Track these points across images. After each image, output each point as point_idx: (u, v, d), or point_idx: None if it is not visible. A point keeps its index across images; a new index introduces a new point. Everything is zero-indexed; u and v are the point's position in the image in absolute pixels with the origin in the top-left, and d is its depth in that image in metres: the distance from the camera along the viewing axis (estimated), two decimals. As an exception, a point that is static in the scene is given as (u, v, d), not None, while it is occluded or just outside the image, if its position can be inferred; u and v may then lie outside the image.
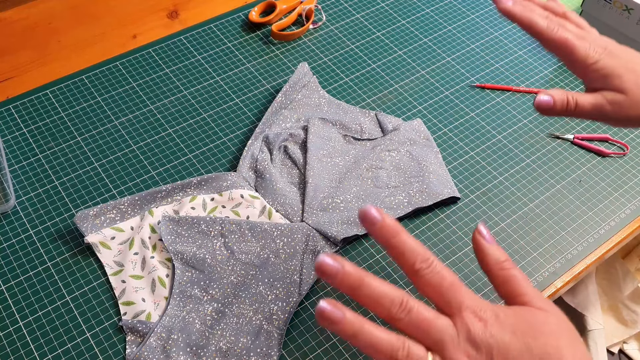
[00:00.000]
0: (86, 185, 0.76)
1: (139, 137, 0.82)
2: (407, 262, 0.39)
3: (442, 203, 0.76)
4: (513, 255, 0.72)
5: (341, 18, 1.00)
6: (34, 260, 0.69)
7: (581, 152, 0.83)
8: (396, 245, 0.39)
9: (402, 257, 0.39)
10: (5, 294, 0.67)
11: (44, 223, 0.72)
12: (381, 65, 0.93)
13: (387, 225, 0.38)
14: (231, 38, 0.95)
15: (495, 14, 1.01)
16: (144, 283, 0.67)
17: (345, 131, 0.82)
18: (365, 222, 0.39)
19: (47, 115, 0.83)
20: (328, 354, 0.64)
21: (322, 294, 0.68)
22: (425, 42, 0.97)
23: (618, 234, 0.76)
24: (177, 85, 0.88)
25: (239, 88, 0.88)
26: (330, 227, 0.71)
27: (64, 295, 0.67)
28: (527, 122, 0.86)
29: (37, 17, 0.96)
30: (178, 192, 0.74)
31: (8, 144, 0.80)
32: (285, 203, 0.73)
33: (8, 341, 0.63)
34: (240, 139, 0.82)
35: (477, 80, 0.91)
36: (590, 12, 0.92)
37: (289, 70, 0.91)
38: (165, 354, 0.61)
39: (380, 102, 0.88)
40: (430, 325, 0.38)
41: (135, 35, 0.95)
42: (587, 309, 1.03)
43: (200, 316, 0.64)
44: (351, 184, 0.75)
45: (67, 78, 0.88)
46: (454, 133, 0.84)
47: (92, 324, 0.65)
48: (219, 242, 0.69)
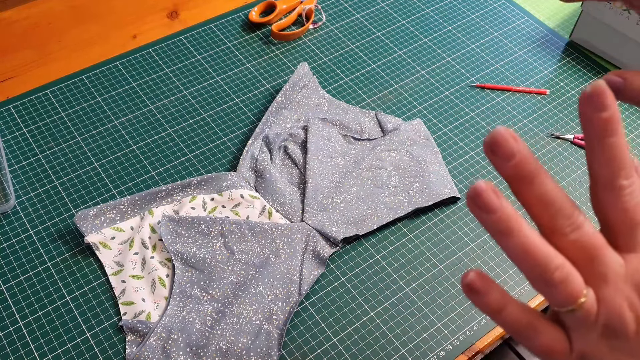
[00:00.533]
0: (86, 185, 0.76)
1: (139, 137, 0.82)
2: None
3: (442, 203, 0.76)
4: (513, 255, 0.72)
5: (341, 18, 1.00)
6: (34, 260, 0.69)
7: (581, 152, 0.83)
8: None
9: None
10: (5, 294, 0.67)
11: (44, 223, 0.72)
12: (381, 65, 0.93)
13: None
14: (231, 38, 0.95)
15: (495, 14, 1.01)
16: (144, 283, 0.67)
17: (345, 131, 0.82)
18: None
19: (47, 115, 0.83)
20: (328, 354, 0.64)
21: (322, 294, 0.68)
22: (425, 42, 0.97)
23: (618, 234, 0.75)
24: (177, 85, 0.88)
25: (239, 88, 0.88)
26: (330, 227, 0.71)
27: (64, 295, 0.67)
28: (527, 122, 0.86)
29: (37, 17, 0.96)
30: (178, 192, 0.74)
31: (8, 144, 0.80)
32: (285, 203, 0.73)
33: (8, 341, 0.63)
34: (240, 139, 0.82)
35: (477, 80, 0.91)
36: (590, 12, 0.92)
37: (289, 70, 0.91)
38: (165, 354, 0.61)
39: (380, 102, 0.88)
40: (598, 252, 0.31)
41: (135, 35, 0.95)
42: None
43: (200, 316, 0.64)
44: (351, 184, 0.75)
45: (67, 78, 0.88)
46: (454, 133, 0.84)
47: (92, 324, 0.65)
48: (219, 242, 0.69)
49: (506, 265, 0.71)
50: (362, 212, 0.73)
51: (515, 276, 0.71)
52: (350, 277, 0.70)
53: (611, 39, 0.92)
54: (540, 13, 1.03)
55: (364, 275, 0.70)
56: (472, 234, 0.74)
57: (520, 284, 0.70)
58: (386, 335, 0.66)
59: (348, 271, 0.70)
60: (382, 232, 0.74)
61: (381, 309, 0.67)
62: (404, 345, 0.65)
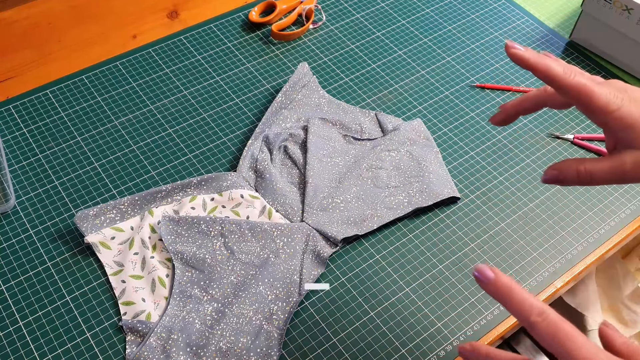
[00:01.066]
0: (86, 185, 0.76)
1: (139, 137, 0.82)
2: (522, 315, 0.41)
3: (442, 203, 0.76)
4: (513, 255, 0.73)
5: (341, 18, 1.00)
6: (34, 260, 0.69)
7: (581, 152, 0.83)
8: (510, 301, 0.41)
9: (518, 312, 0.41)
10: (5, 294, 0.67)
11: (44, 223, 0.72)
12: (381, 65, 0.93)
13: (501, 283, 0.41)
14: (231, 38, 0.95)
15: (495, 14, 1.01)
16: (144, 283, 0.67)
17: (345, 131, 0.82)
18: (479, 280, 0.42)
19: (47, 115, 0.83)
20: (328, 354, 0.64)
21: (322, 294, 0.68)
22: (425, 42, 0.97)
23: (618, 234, 0.76)
24: (177, 85, 0.88)
25: (239, 88, 0.88)
26: (330, 227, 0.71)
27: (64, 295, 0.67)
28: (527, 122, 0.86)
29: (37, 17, 0.96)
30: (178, 192, 0.74)
31: (8, 144, 0.80)
32: (285, 203, 0.73)
33: (8, 341, 0.63)
34: (240, 139, 0.82)
35: (477, 80, 0.91)
36: (590, 12, 0.92)
37: (289, 70, 0.91)
38: (165, 354, 0.61)
39: (380, 102, 0.88)
40: None
41: (135, 35, 0.95)
42: (587, 309, 1.03)
43: (200, 316, 0.64)
44: (351, 184, 0.75)
45: (67, 78, 0.88)
46: (454, 133, 0.84)
47: (92, 324, 0.65)
48: (219, 242, 0.69)
49: (506, 265, 0.71)
50: (362, 212, 0.73)
51: (516, 276, 0.71)
52: (350, 277, 0.70)
53: (611, 39, 0.92)
54: (540, 13, 1.03)
55: (364, 275, 0.70)
56: (472, 234, 0.74)
57: (520, 284, 0.70)
58: (386, 335, 0.66)
59: (348, 271, 0.70)
60: (382, 232, 0.74)
61: (381, 309, 0.67)
62: (404, 345, 0.65)
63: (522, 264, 0.72)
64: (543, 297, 0.70)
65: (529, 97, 0.54)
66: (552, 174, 0.51)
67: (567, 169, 0.50)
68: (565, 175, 0.50)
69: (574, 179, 0.50)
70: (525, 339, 0.88)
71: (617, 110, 0.47)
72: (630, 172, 0.47)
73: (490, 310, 0.68)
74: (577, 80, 0.47)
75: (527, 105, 0.54)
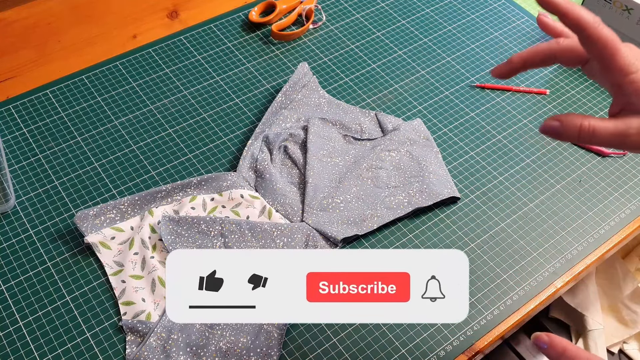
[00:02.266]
0: (86, 185, 0.76)
1: (139, 137, 0.82)
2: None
3: (442, 203, 0.76)
4: (513, 255, 0.72)
5: (341, 18, 1.00)
6: (34, 260, 0.69)
7: (581, 152, 0.83)
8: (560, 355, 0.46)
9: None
10: (5, 294, 0.67)
11: (44, 223, 0.72)
12: (381, 65, 0.93)
13: (555, 344, 0.46)
14: (231, 38, 0.95)
15: (495, 14, 1.01)
16: (144, 283, 0.67)
17: (345, 131, 0.82)
18: (536, 344, 0.47)
19: (47, 115, 0.83)
20: (328, 354, 0.64)
21: (322, 294, 0.68)
22: (425, 42, 0.97)
23: (618, 234, 0.76)
24: (177, 85, 0.88)
25: (239, 88, 0.88)
26: (330, 227, 0.71)
27: (64, 295, 0.67)
28: (527, 122, 0.86)
29: (37, 17, 0.96)
30: (178, 192, 0.74)
31: (8, 144, 0.80)
32: (285, 203, 0.73)
33: (8, 341, 0.63)
34: (240, 139, 0.82)
35: (477, 80, 0.91)
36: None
37: (289, 70, 0.91)
38: (165, 354, 0.61)
39: (380, 102, 0.88)
40: None
41: (135, 35, 0.95)
42: (587, 309, 1.03)
43: (200, 316, 0.64)
44: (351, 184, 0.75)
45: (67, 78, 0.88)
46: (454, 133, 0.84)
47: (92, 324, 0.65)
48: (219, 242, 0.69)
49: (506, 265, 0.71)
50: (362, 212, 0.73)
51: (516, 276, 0.71)
52: (350, 277, 0.70)
53: None
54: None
55: (364, 275, 0.70)
56: (472, 234, 0.74)
57: (520, 284, 0.70)
58: (386, 335, 0.66)
59: (348, 271, 0.70)
60: (382, 232, 0.74)
61: (381, 309, 0.67)
62: (404, 345, 0.65)
63: (522, 264, 0.72)
64: (543, 297, 0.70)
65: (539, 48, 0.51)
66: (552, 125, 0.47)
67: (569, 122, 0.47)
68: (565, 129, 0.47)
69: (574, 134, 0.47)
70: (525, 339, 0.88)
71: (635, 73, 0.46)
72: (633, 137, 0.46)
73: (490, 311, 0.68)
74: (606, 33, 0.46)
75: (537, 59, 0.51)
